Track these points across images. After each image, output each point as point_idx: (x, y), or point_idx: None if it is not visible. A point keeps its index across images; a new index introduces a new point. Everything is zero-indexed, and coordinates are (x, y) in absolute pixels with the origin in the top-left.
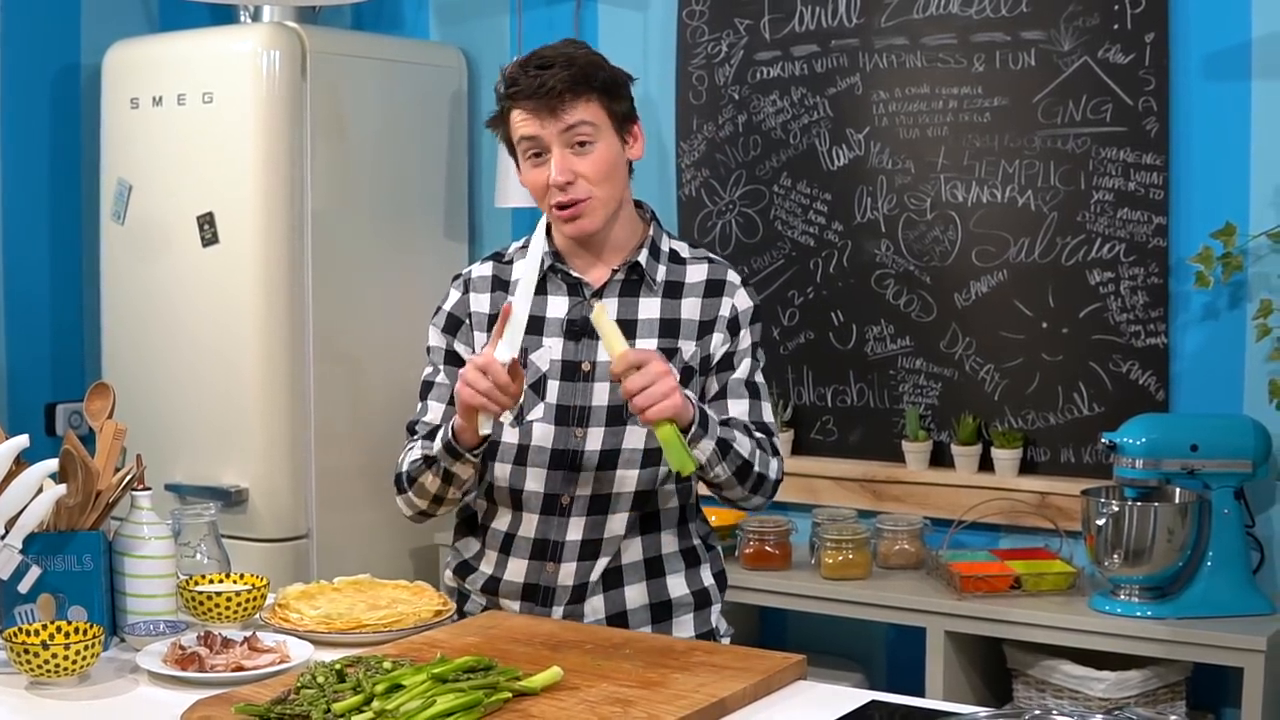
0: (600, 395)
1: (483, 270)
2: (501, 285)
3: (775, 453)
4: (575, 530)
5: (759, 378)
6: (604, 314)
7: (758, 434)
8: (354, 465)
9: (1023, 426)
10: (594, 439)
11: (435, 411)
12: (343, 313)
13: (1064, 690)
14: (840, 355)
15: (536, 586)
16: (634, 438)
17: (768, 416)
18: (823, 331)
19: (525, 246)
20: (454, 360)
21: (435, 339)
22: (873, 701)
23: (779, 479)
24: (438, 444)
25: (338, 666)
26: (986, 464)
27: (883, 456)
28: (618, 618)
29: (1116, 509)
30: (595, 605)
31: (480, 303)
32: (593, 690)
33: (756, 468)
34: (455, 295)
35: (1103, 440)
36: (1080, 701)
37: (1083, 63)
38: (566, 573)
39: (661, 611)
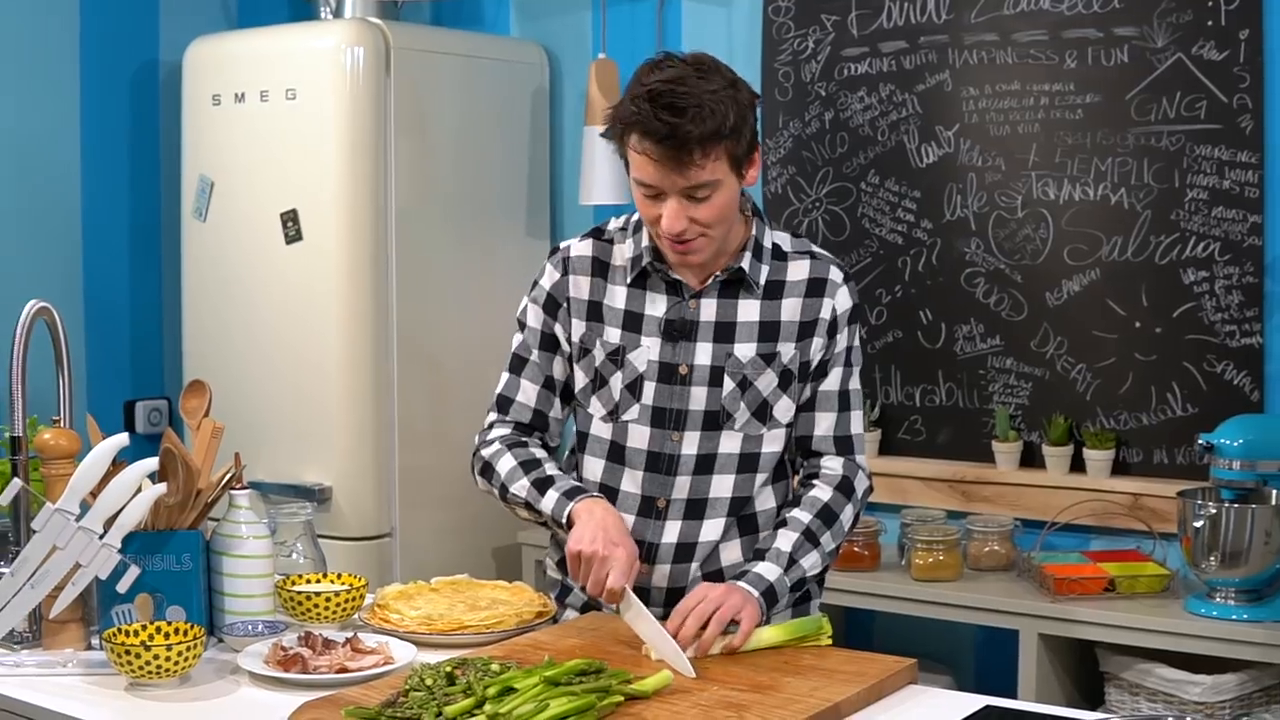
0: (698, 399)
1: (582, 249)
2: (601, 269)
3: (849, 492)
4: (670, 534)
5: (853, 384)
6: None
7: (825, 493)
8: (436, 464)
9: (1115, 427)
10: (690, 443)
11: (528, 392)
12: (425, 311)
13: (1158, 694)
14: (929, 354)
15: (634, 588)
16: (730, 443)
17: (855, 428)
18: (911, 330)
19: (625, 227)
20: (550, 345)
21: (533, 317)
22: (987, 706)
23: (861, 507)
24: (549, 509)
25: (446, 669)
26: (1078, 465)
27: (972, 457)
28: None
29: (1214, 511)
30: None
31: (580, 287)
32: (704, 694)
33: (832, 547)
34: (554, 274)
35: (1200, 441)
36: (1175, 705)
37: (1176, 59)
38: (661, 575)
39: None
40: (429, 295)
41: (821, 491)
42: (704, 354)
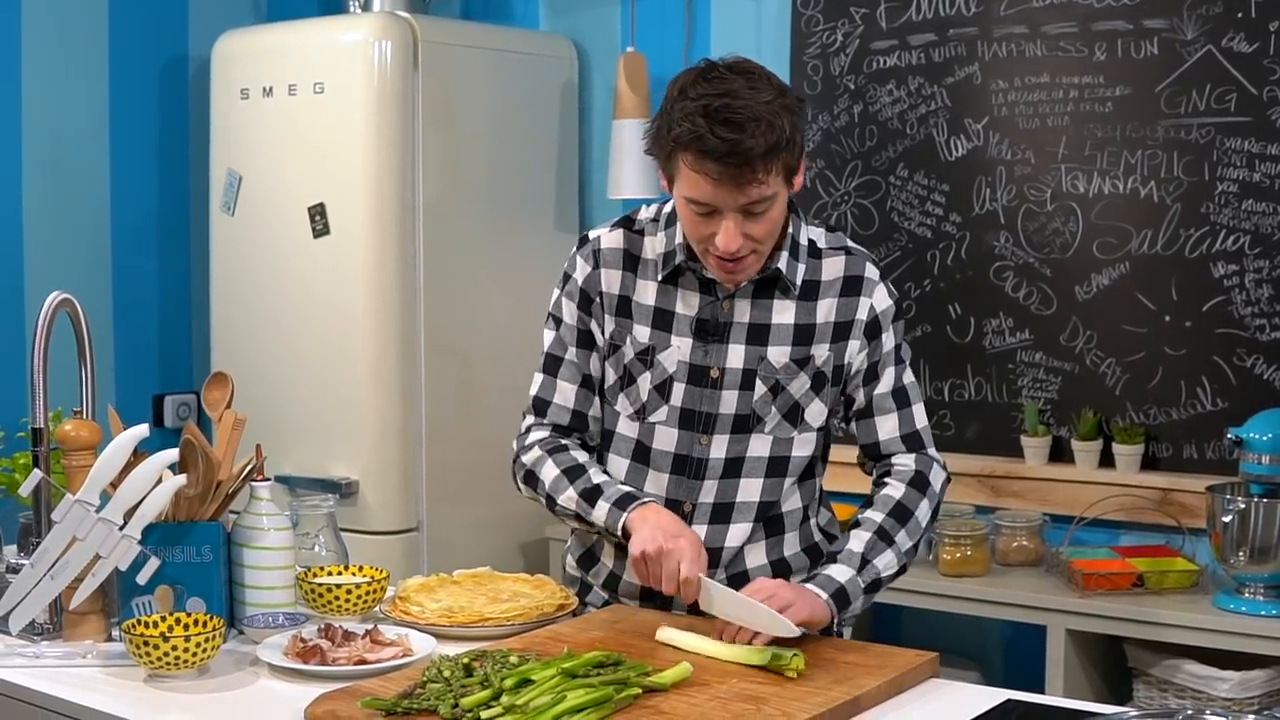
0: (728, 403)
1: (612, 241)
2: (632, 262)
3: (924, 487)
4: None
5: (907, 378)
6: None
7: (898, 490)
8: (464, 459)
9: (1144, 421)
10: (718, 446)
11: (566, 393)
12: (453, 305)
13: (1186, 690)
14: (958, 348)
15: (655, 590)
16: (759, 446)
17: (920, 421)
18: (940, 324)
19: (657, 219)
20: (587, 342)
21: (568, 313)
22: (1009, 700)
23: (940, 501)
24: (602, 521)
25: (464, 660)
26: (1107, 459)
27: (1001, 451)
28: None
29: (1243, 506)
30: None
31: (611, 281)
32: (723, 686)
33: (909, 545)
34: (585, 268)
35: (1229, 435)
36: (1204, 701)
37: (1206, 51)
38: None
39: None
40: (456, 289)
41: (894, 489)
42: (736, 356)
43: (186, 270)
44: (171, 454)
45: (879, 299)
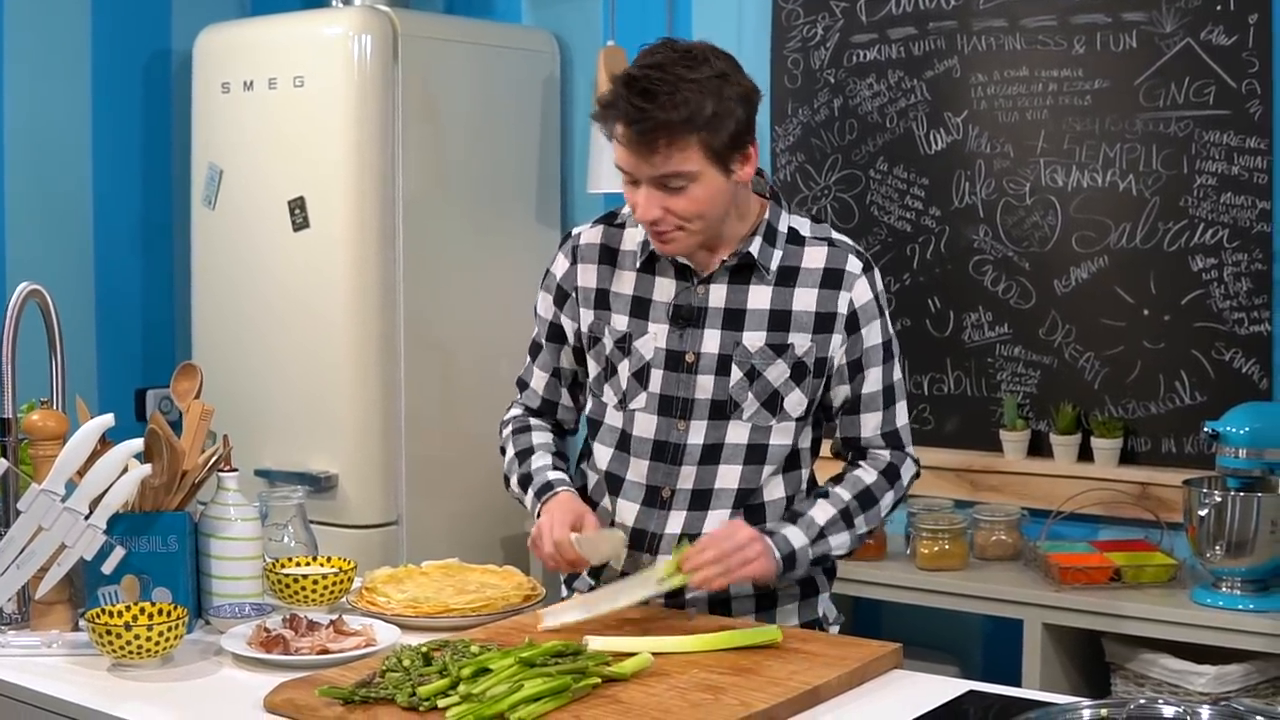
0: (704, 388)
1: (591, 236)
2: (610, 255)
3: (894, 478)
4: (675, 524)
5: (895, 376)
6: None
7: (870, 476)
8: (444, 452)
9: (1123, 415)
10: (696, 432)
11: (539, 380)
12: (434, 298)
13: (1163, 684)
14: (937, 343)
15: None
16: (738, 433)
17: (901, 420)
18: (919, 318)
19: None
20: (557, 336)
21: (543, 306)
22: (970, 691)
23: (904, 495)
24: (529, 506)
25: (424, 650)
26: (1086, 454)
27: (980, 446)
28: (721, 605)
29: (1219, 499)
30: (699, 595)
31: (587, 275)
32: (683, 676)
33: (864, 530)
34: (564, 263)
35: (1205, 429)
36: (1180, 695)
37: (1185, 44)
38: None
39: (766, 600)
40: (437, 283)
41: (866, 473)
42: (711, 341)
43: (168, 264)
44: (136, 444)
45: (859, 293)
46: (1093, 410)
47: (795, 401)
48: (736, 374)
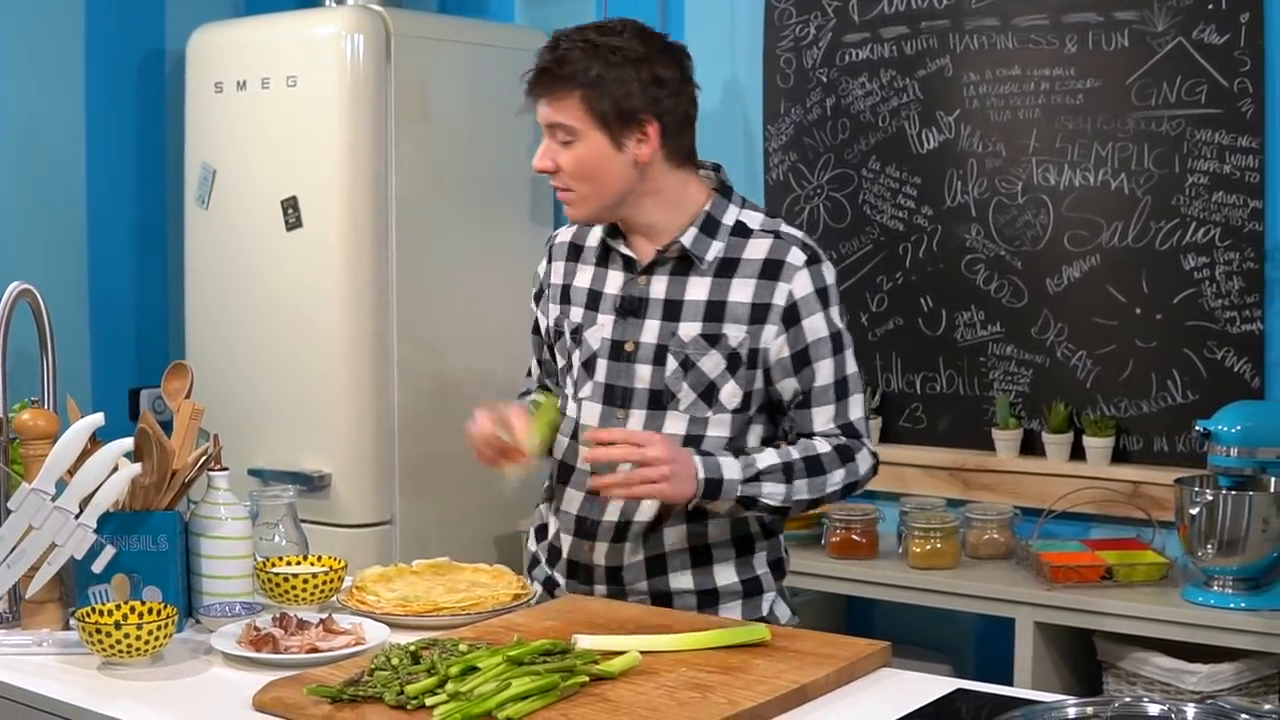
0: (642, 378)
1: (565, 235)
2: (576, 252)
3: (848, 459)
4: (612, 512)
5: (848, 369)
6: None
7: (824, 447)
8: (438, 452)
9: (1115, 414)
10: (635, 421)
11: (535, 367)
12: (426, 297)
13: (1155, 683)
14: (930, 341)
15: (578, 564)
16: (675, 424)
17: (855, 414)
18: (912, 318)
19: None
20: (536, 329)
21: (531, 301)
22: (959, 690)
23: (858, 481)
24: None
25: (412, 648)
26: (1078, 452)
27: (972, 444)
28: (662, 598)
29: (1210, 498)
30: (639, 589)
31: (557, 273)
32: (671, 675)
33: (802, 496)
34: (543, 262)
35: (1197, 428)
36: (1172, 694)
37: (1177, 43)
38: (600, 553)
39: (707, 599)
40: (430, 282)
41: (819, 444)
42: (651, 332)
43: (162, 263)
44: (126, 443)
45: (799, 285)
46: (1085, 409)
47: (730, 393)
48: (672, 364)
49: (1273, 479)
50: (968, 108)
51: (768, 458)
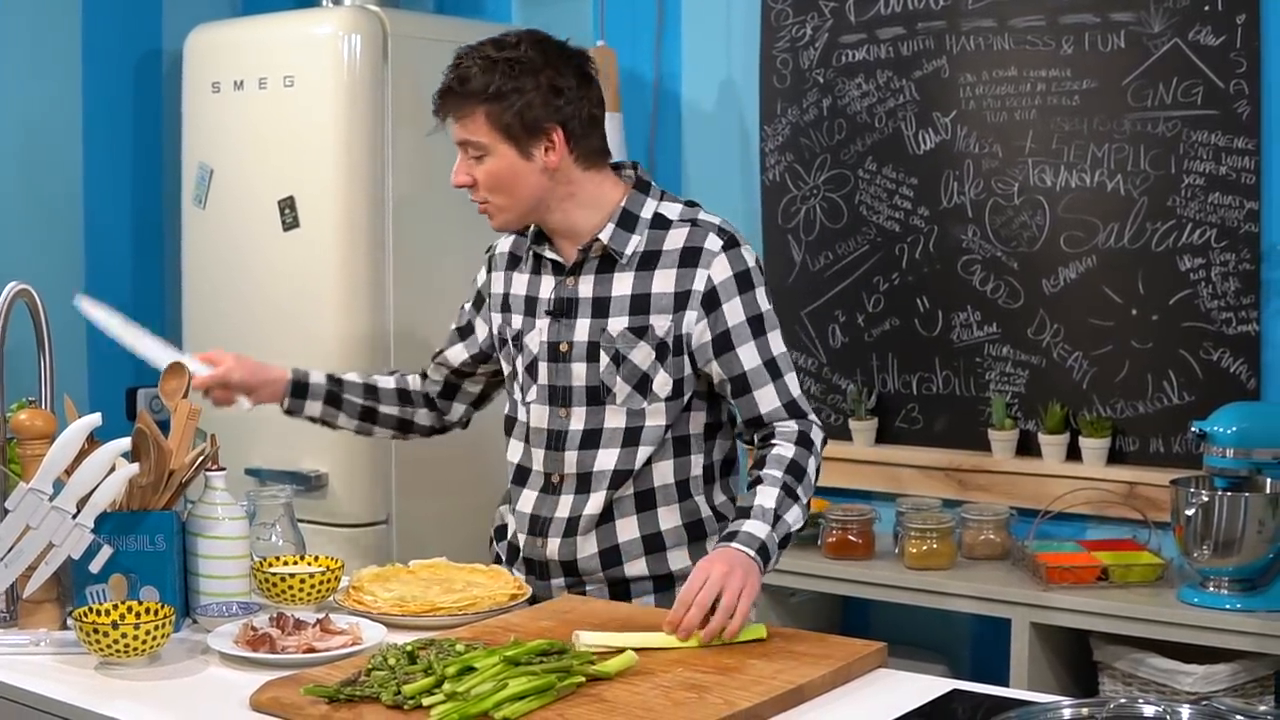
0: (579, 375)
1: (503, 246)
2: (514, 262)
3: (808, 444)
4: (563, 508)
5: (776, 349)
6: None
7: (788, 449)
8: (434, 451)
9: (1111, 415)
10: (577, 418)
11: (442, 355)
12: (423, 298)
13: (1150, 683)
14: (926, 342)
15: (534, 560)
16: (614, 418)
17: (794, 390)
18: (908, 318)
19: None
20: (465, 333)
21: (466, 304)
22: (955, 690)
23: (820, 458)
24: None
25: (409, 649)
26: (1074, 453)
27: (968, 445)
28: (619, 585)
29: (1206, 499)
30: (596, 579)
31: (497, 281)
32: (667, 675)
33: (806, 501)
34: (483, 273)
35: (1193, 429)
36: (1168, 695)
37: (1173, 45)
38: (553, 548)
39: (664, 583)
40: (426, 282)
41: (785, 449)
42: (582, 330)
43: (160, 263)
44: (124, 443)
45: (717, 270)
46: (1081, 410)
47: (662, 382)
48: (605, 359)
49: (1268, 480)
50: (964, 109)
51: (769, 494)
